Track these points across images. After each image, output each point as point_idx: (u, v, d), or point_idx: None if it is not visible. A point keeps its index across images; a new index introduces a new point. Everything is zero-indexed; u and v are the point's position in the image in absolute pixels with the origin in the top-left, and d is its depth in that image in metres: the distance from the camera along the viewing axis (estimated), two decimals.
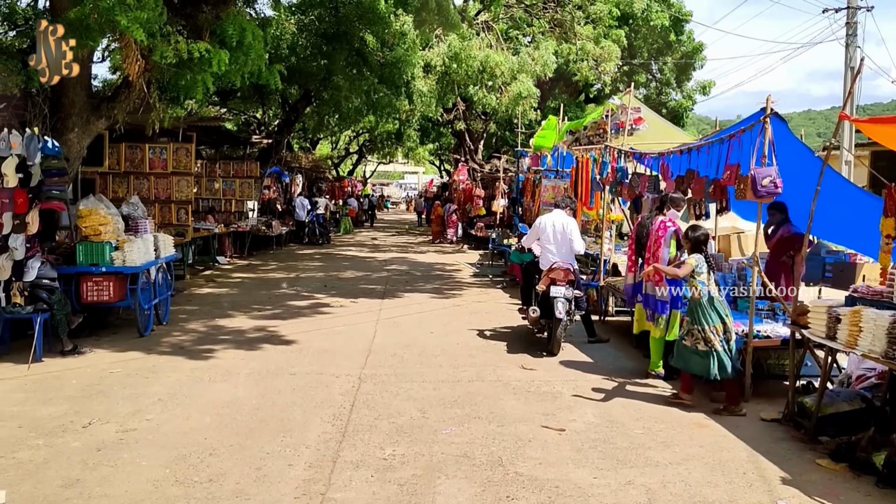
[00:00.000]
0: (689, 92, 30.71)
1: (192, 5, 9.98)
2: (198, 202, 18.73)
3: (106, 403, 6.49)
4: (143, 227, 9.77)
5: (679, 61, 29.29)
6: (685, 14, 28.26)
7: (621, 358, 8.61)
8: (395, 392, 7.01)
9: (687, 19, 28.60)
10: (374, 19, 16.01)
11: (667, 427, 6.12)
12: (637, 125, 10.75)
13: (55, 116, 9.32)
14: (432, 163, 57.10)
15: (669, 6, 26.92)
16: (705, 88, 30.45)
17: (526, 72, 18.81)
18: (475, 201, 24.16)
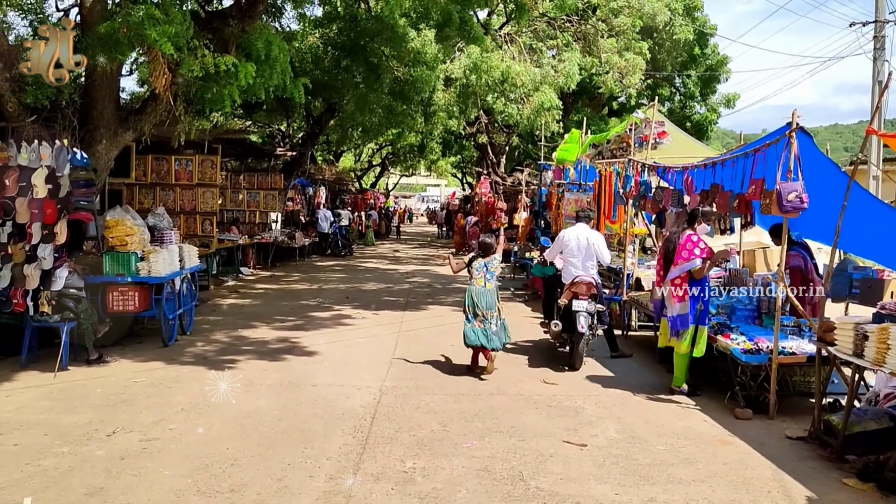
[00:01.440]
0: (713, 105, 30.54)
1: (218, 19, 10.12)
2: (222, 213, 18.90)
3: (130, 412, 6.55)
4: (169, 238, 9.88)
5: (703, 74, 29.16)
6: (709, 28, 28.17)
7: (644, 373, 8.54)
8: (415, 404, 7.01)
9: (711, 33, 28.51)
10: (392, 36, 16.11)
11: (690, 444, 6.06)
12: (661, 139, 10.70)
13: (84, 128, 9.46)
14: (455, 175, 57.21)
15: (693, 20, 26.85)
16: (730, 102, 30.27)
17: (549, 83, 18.82)
18: (497, 214, 24.13)
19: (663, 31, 25.21)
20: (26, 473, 5.06)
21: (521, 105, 19.10)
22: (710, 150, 12.12)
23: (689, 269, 7.39)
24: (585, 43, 22.34)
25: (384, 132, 23.07)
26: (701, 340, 7.41)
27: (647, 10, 21.01)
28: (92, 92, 9.56)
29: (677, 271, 7.42)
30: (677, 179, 9.35)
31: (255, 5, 10.33)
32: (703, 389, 7.63)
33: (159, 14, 8.07)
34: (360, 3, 17.43)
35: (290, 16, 18.63)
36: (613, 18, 22.60)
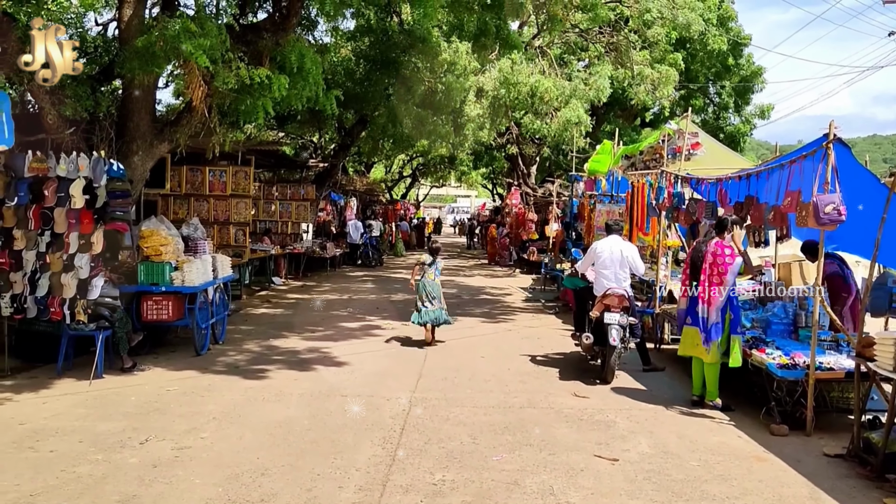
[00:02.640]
0: (747, 116, 30.15)
1: (253, 32, 10.25)
2: (255, 224, 19.10)
3: (162, 421, 6.61)
4: (202, 248, 10.00)
5: (737, 85, 28.83)
6: (744, 38, 27.85)
7: (676, 387, 8.42)
8: (445, 416, 6.98)
9: (745, 43, 28.18)
10: (425, 48, 16.17)
11: (724, 460, 5.95)
12: (694, 150, 10.58)
13: (120, 140, 9.63)
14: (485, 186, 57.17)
15: (727, 30, 26.58)
16: (765, 113, 29.86)
17: (578, 97, 18.74)
18: (528, 225, 24.08)
19: (697, 42, 24.99)
20: (61, 480, 5.13)
21: (548, 120, 19.04)
22: (744, 162, 11.97)
23: (738, 271, 7.31)
24: (617, 54, 22.21)
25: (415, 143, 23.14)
26: (735, 350, 7.30)
27: (680, 20, 20.82)
28: (129, 104, 9.73)
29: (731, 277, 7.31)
30: (711, 191, 9.24)
31: (288, 19, 10.45)
32: (738, 404, 7.49)
33: (195, 27, 8.19)
34: (393, 16, 17.54)
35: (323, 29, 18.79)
36: (646, 30, 22.45)
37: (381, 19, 17.60)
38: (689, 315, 7.80)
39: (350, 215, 26.64)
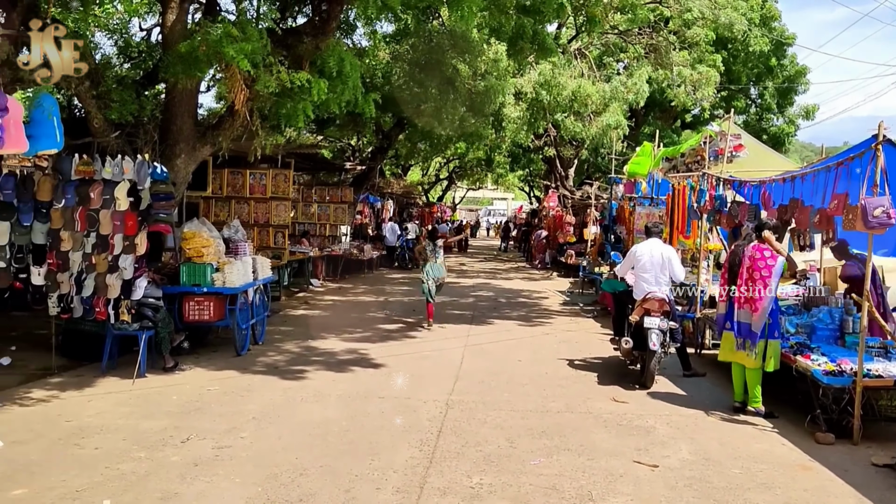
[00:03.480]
0: (791, 117, 29.62)
1: (293, 37, 10.35)
2: (294, 226, 19.29)
3: (203, 420, 6.70)
4: (243, 250, 10.12)
5: (781, 86, 28.33)
6: (787, 38, 27.36)
7: (718, 393, 8.28)
8: (482, 420, 6.96)
9: (789, 43, 27.69)
10: (467, 48, 16.19)
11: (767, 468, 5.83)
12: (737, 152, 10.40)
13: (164, 143, 9.78)
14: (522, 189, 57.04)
15: (771, 30, 26.14)
16: (809, 114, 29.30)
17: (618, 100, 18.58)
18: (565, 228, 23.93)
19: (738, 43, 24.62)
20: (106, 477, 5.22)
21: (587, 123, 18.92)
22: (789, 164, 11.73)
23: (781, 272, 7.18)
24: (657, 55, 21.99)
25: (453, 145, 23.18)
26: (773, 355, 7.17)
27: (722, 20, 20.53)
28: (172, 108, 9.89)
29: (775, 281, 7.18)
30: (754, 194, 9.09)
31: (328, 23, 10.52)
32: (782, 411, 7.34)
33: (237, 32, 8.29)
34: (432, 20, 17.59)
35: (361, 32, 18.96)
36: (686, 30, 22.20)
37: (420, 22, 17.66)
38: (728, 320, 7.67)
39: (387, 218, 26.78)
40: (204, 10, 10.76)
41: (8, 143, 6.40)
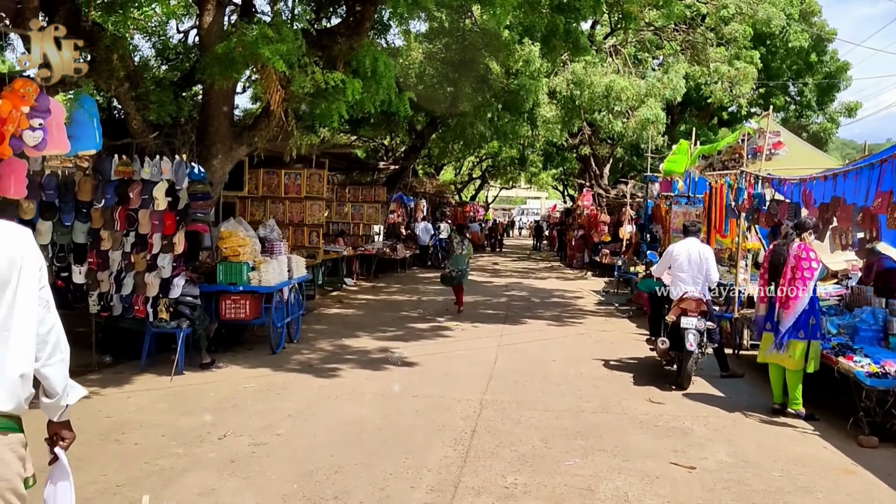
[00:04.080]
0: (832, 114, 29.04)
1: (328, 37, 10.41)
2: (328, 225, 19.41)
3: (240, 417, 6.77)
4: (278, 249, 10.21)
5: (821, 82, 27.78)
6: (828, 33, 26.82)
7: (756, 394, 8.14)
8: (516, 419, 6.93)
9: (830, 38, 27.15)
10: (499, 47, 16.16)
11: (808, 471, 5.72)
12: (776, 150, 10.21)
13: (201, 144, 9.91)
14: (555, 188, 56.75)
15: (811, 25, 25.66)
16: (851, 111, 28.70)
17: (654, 96, 18.40)
18: (600, 227, 23.75)
19: (777, 39, 24.21)
20: (145, 472, 5.30)
21: (625, 119, 18.76)
22: (830, 161, 11.51)
23: (819, 278, 7.05)
24: (693, 52, 21.72)
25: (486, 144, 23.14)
26: (814, 356, 7.02)
27: (760, 16, 20.20)
28: (209, 109, 10.01)
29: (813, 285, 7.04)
30: (794, 192, 8.92)
31: (362, 23, 10.57)
32: (823, 414, 7.19)
33: (272, 33, 8.37)
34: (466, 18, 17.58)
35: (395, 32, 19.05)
36: (723, 26, 21.89)
37: (454, 21, 17.67)
38: (768, 320, 7.53)
39: (420, 217, 26.83)
40: (240, 11, 10.88)
41: (50, 145, 6.52)
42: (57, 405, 2.78)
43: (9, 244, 2.58)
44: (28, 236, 2.67)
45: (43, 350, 2.66)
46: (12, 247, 2.58)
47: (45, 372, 2.69)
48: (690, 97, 23.69)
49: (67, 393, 2.79)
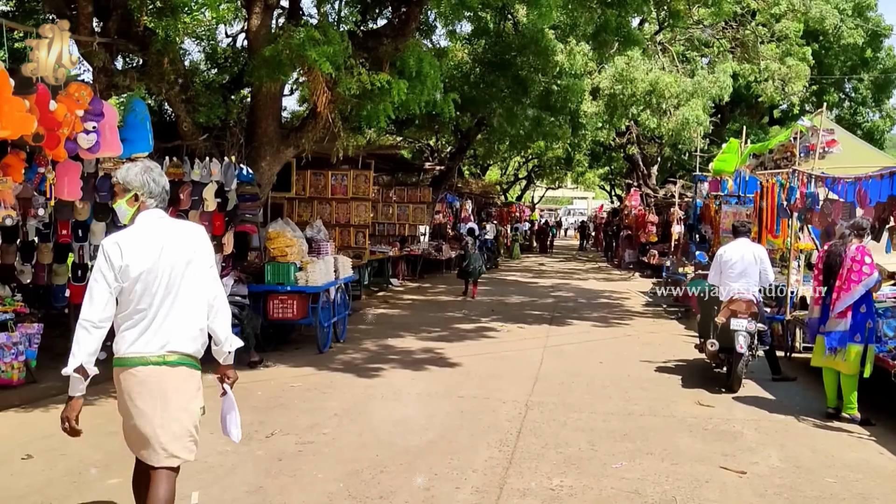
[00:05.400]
0: (889, 112, 28.19)
1: (373, 39, 10.48)
2: (374, 226, 19.52)
3: (287, 415, 6.84)
4: (325, 250, 10.31)
5: (877, 78, 26.98)
6: (884, 28, 26.05)
7: (809, 398, 7.93)
8: (562, 421, 6.87)
9: (886, 34, 26.36)
10: (538, 50, 16.07)
11: (864, 477, 5.55)
12: (830, 148, 9.93)
13: (249, 146, 10.06)
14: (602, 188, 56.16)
15: (866, 20, 24.94)
16: None
17: (700, 95, 18.09)
18: (648, 227, 23.45)
19: (830, 35, 23.59)
20: (194, 469, 5.36)
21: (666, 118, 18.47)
22: (887, 159, 11.14)
23: (872, 285, 6.82)
24: (743, 49, 21.29)
25: (531, 145, 23.02)
26: (869, 360, 6.82)
27: (813, 13, 19.71)
28: (257, 111, 10.16)
29: (862, 288, 6.83)
30: (849, 191, 8.67)
31: (407, 24, 10.62)
32: (880, 419, 6.98)
33: (319, 35, 8.45)
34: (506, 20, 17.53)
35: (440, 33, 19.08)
36: (775, 23, 21.42)
37: (498, 22, 17.62)
38: (822, 323, 7.33)
39: (465, 217, 26.80)
40: (287, 14, 11.01)
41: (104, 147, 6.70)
42: (221, 351, 3.89)
43: (190, 237, 3.73)
44: (201, 231, 3.84)
45: (211, 311, 3.76)
46: (192, 238, 3.73)
47: (213, 326, 3.80)
48: (741, 95, 23.24)
49: (229, 342, 3.87)
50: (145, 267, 3.54)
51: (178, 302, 3.61)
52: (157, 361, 3.57)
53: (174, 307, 3.61)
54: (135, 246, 3.56)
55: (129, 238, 3.61)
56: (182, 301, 3.62)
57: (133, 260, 3.52)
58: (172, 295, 3.60)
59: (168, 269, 3.58)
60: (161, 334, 3.58)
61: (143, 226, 3.65)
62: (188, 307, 3.64)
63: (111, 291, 3.52)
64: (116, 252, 3.54)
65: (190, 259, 3.65)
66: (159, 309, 3.58)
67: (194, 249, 3.69)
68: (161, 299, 3.58)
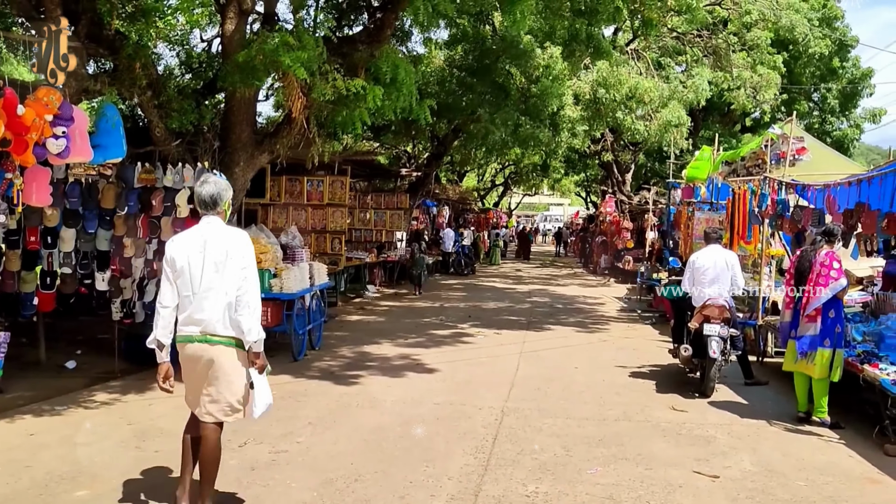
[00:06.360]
0: (856, 121, 28.68)
1: (348, 44, 10.45)
2: (350, 232, 19.46)
3: (260, 424, 6.71)
4: (300, 256, 10.24)
5: (844, 88, 27.45)
6: (850, 39, 26.53)
7: (781, 402, 8.02)
8: (538, 427, 6.88)
9: (852, 45, 26.86)
10: (518, 54, 16.15)
11: (834, 480, 5.62)
12: (800, 155, 10.08)
13: (223, 151, 9.96)
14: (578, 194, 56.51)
15: (833, 29, 25.38)
16: (875, 116, 28.28)
17: (677, 99, 18.27)
18: (622, 234, 23.62)
19: (799, 44, 23.97)
20: (165, 479, 5.32)
21: (648, 122, 18.65)
22: (855, 167, 11.34)
23: (838, 290, 6.91)
24: (716, 58, 21.56)
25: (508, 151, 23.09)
26: (838, 365, 6.91)
27: (784, 22, 19.99)
28: (231, 116, 10.07)
29: (829, 292, 6.92)
30: (818, 198, 8.81)
31: (382, 30, 10.60)
32: (848, 422, 7.07)
33: (293, 41, 8.40)
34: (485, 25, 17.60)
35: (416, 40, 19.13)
36: (746, 32, 21.72)
37: (474, 28, 17.68)
38: (793, 328, 7.42)
39: (443, 224, 26.82)
40: (262, 20, 10.95)
41: (74, 153, 6.60)
42: (246, 340, 4.39)
43: (228, 240, 4.45)
44: (242, 236, 4.54)
45: (238, 304, 4.36)
46: (229, 241, 4.44)
47: (237, 318, 4.37)
48: (713, 103, 23.52)
49: (251, 333, 4.36)
50: (186, 261, 4.39)
51: (212, 292, 4.37)
52: (200, 339, 4.41)
53: (209, 296, 4.37)
54: (181, 244, 4.47)
55: (180, 237, 4.55)
56: (216, 292, 4.37)
57: (178, 255, 4.41)
58: (209, 286, 4.37)
59: (207, 265, 4.38)
60: (199, 318, 4.39)
61: (195, 228, 4.55)
62: (220, 298, 4.37)
63: (170, 279, 4.44)
64: (169, 247, 4.49)
65: (224, 259, 4.38)
66: (197, 296, 4.38)
67: (227, 251, 4.39)
68: (199, 289, 4.37)
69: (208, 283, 4.38)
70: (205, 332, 4.40)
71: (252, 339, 4.38)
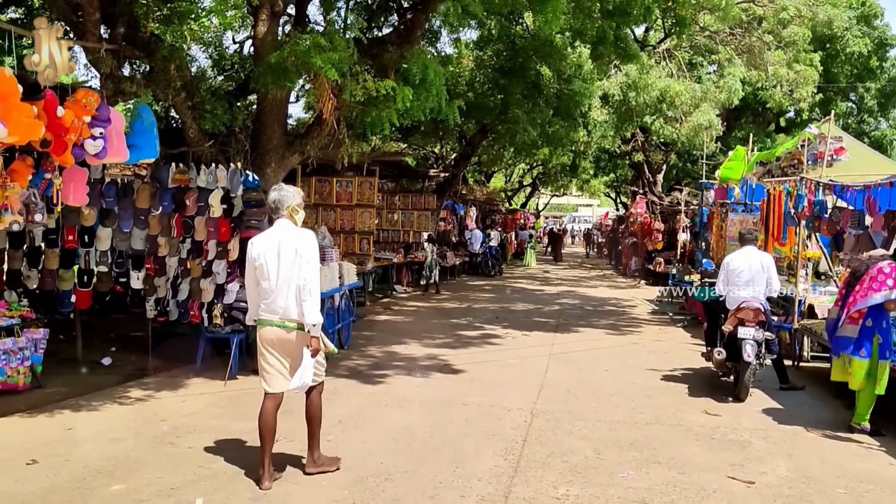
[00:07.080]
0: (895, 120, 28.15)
1: (379, 45, 10.47)
2: (378, 233, 19.52)
3: (291, 422, 6.77)
4: (330, 256, 10.28)
5: (884, 87, 26.92)
6: (890, 37, 26.01)
7: (818, 407, 7.88)
8: (568, 430, 6.83)
9: (892, 43, 26.32)
10: (551, 52, 16.09)
11: (874, 488, 5.49)
12: (838, 156, 9.88)
13: (255, 152, 10.05)
14: (608, 195, 56.12)
15: (873, 28, 24.91)
16: None
17: (709, 100, 18.06)
18: (654, 235, 23.37)
19: (837, 42, 23.55)
20: (198, 475, 5.37)
21: (678, 124, 18.45)
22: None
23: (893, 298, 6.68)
24: (750, 56, 21.25)
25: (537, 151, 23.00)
26: (883, 376, 6.74)
27: (821, 17, 19.64)
28: (262, 118, 10.15)
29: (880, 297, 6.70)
30: (858, 199, 8.62)
31: (412, 31, 10.61)
32: (890, 429, 6.91)
33: (325, 42, 8.45)
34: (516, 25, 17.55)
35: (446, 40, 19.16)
36: (782, 29, 21.38)
37: (504, 28, 17.64)
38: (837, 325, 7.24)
39: (470, 224, 26.78)
40: (293, 21, 11.03)
41: (110, 153, 6.70)
42: (306, 322, 5.08)
43: (298, 239, 5.16)
44: (308, 235, 5.25)
45: (302, 291, 5.06)
46: (298, 240, 5.16)
47: (301, 304, 5.08)
48: (748, 103, 23.20)
49: (309, 318, 5.05)
50: (263, 259, 5.16)
51: (285, 284, 5.11)
52: (278, 324, 5.18)
53: (282, 287, 5.12)
54: (259, 242, 5.26)
55: (259, 238, 5.34)
56: (289, 283, 5.10)
57: (257, 252, 5.20)
58: (283, 278, 5.11)
59: (281, 261, 5.11)
60: (276, 305, 5.16)
61: (271, 230, 5.32)
62: (293, 289, 5.10)
63: (254, 272, 5.26)
64: (250, 246, 5.30)
65: (294, 256, 5.09)
66: (274, 287, 5.14)
67: (296, 248, 5.10)
68: (276, 281, 5.13)
69: (284, 276, 5.10)
70: (283, 318, 5.14)
71: (311, 323, 5.03)
